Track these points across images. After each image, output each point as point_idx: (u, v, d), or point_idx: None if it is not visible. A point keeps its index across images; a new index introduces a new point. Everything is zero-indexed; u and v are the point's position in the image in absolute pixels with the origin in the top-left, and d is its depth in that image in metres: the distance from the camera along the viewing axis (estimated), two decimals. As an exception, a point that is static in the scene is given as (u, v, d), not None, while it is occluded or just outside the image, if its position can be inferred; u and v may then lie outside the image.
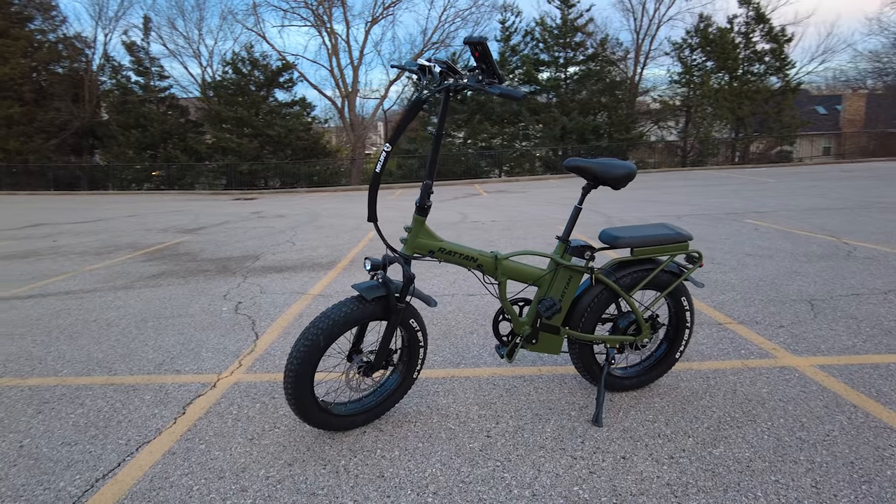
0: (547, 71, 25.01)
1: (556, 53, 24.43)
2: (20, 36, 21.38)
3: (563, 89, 24.43)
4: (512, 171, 24.81)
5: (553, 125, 23.38)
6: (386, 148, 1.85)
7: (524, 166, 25.09)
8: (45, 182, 21.57)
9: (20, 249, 7.31)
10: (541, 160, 25.26)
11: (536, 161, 25.30)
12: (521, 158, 25.21)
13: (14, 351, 3.23)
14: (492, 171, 24.79)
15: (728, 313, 3.53)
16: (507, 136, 24.98)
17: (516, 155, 24.95)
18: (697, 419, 2.17)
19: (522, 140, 25.42)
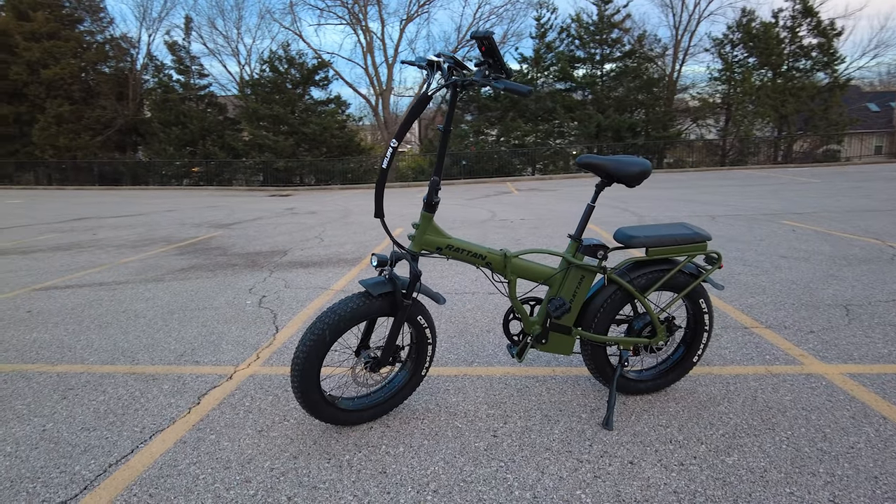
0: (583, 68, 24.64)
1: (592, 50, 24.04)
2: (70, 37, 22.28)
3: (598, 86, 24.03)
4: (545, 169, 24.55)
5: (588, 122, 23.03)
6: (392, 144, 1.84)
7: (558, 164, 24.80)
8: (92, 177, 22.44)
9: (64, 241, 7.62)
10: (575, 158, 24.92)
11: (571, 159, 24.97)
12: (555, 156, 24.91)
13: (47, 338, 3.37)
14: (525, 169, 24.58)
15: (756, 317, 3.40)
16: (540, 133, 24.74)
17: (550, 153, 24.68)
18: (713, 426, 2.10)
19: (557, 138, 25.13)
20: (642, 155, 23.76)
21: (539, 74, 25.01)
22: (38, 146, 21.68)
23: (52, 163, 22.06)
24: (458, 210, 10.73)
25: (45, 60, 21.02)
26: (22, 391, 2.60)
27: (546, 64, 24.71)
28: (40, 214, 11.76)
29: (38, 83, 21.12)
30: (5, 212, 12.50)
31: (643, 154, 23.75)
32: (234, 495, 1.75)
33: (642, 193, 12.15)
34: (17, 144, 22.34)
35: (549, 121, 24.77)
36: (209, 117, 24.96)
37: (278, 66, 25.76)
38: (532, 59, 24.52)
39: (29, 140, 21.82)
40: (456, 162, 23.65)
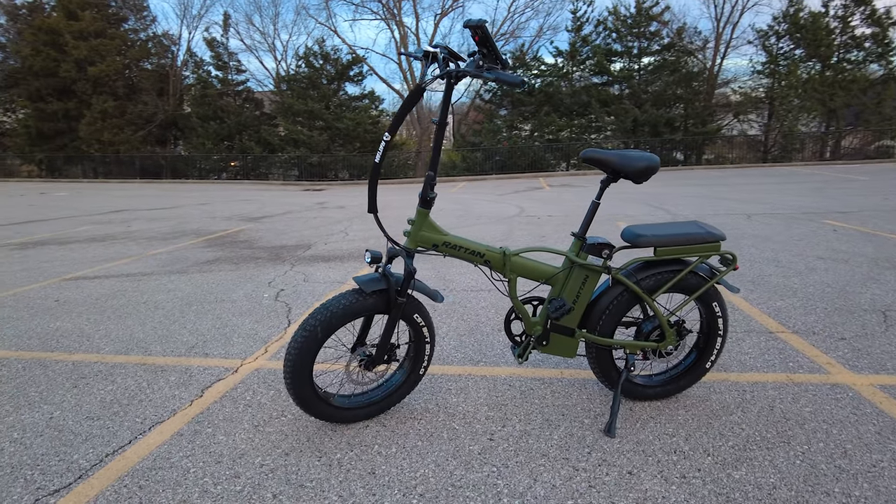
0: (619, 61, 24.10)
1: (629, 43, 23.46)
2: (115, 35, 23.04)
3: (635, 80, 23.47)
4: (580, 164, 24.15)
5: (624, 117, 22.52)
6: (385, 138, 1.79)
7: (592, 160, 24.33)
8: (133, 171, 23.20)
9: (99, 233, 7.87)
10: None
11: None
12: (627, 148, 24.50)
13: (69, 327, 3.46)
14: (559, 164, 24.24)
15: (782, 321, 3.23)
16: (575, 128, 24.34)
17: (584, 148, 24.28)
18: (722, 436, 1.98)
19: (592, 133, 24.69)
20: (680, 151, 23.11)
21: (574, 68, 24.60)
22: (85, 141, 22.52)
23: (97, 157, 22.90)
24: (487, 205, 10.64)
25: (92, 58, 21.80)
26: (37, 378, 2.67)
27: (582, 58, 24.27)
28: (82, 206, 12.20)
29: (85, 80, 21.93)
30: (51, 204, 13.01)
31: (682, 150, 23.11)
32: (220, 490, 1.74)
33: (678, 191, 11.82)
34: (65, 139, 23.27)
35: (585, 115, 24.34)
36: (246, 112, 25.44)
37: (313, 61, 26.07)
38: (567, 52, 24.13)
39: (76, 135, 22.70)
40: (488, 157, 23.49)
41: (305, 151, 24.68)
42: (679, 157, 23.25)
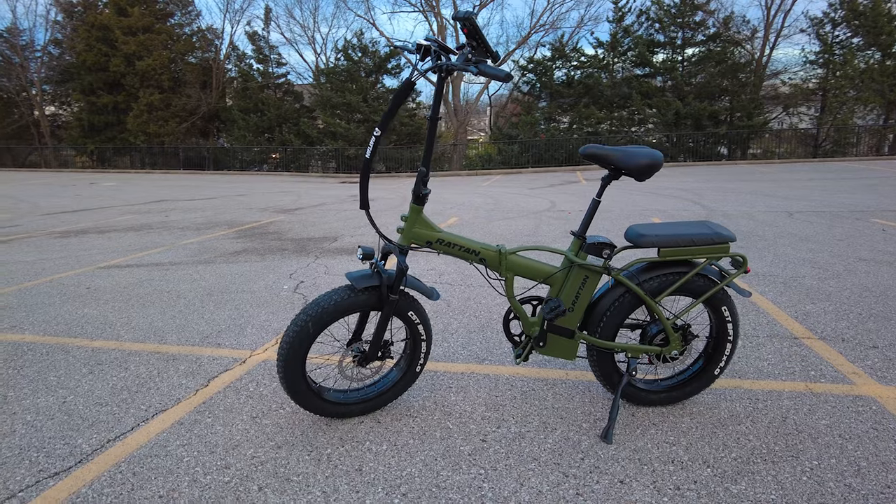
0: (662, 52, 23.40)
1: (672, 34, 22.74)
2: (162, 30, 23.80)
3: (678, 72, 22.74)
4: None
5: (666, 110, 21.88)
6: (375, 133, 1.77)
7: (631, 154, 23.75)
8: (177, 162, 23.97)
9: (137, 223, 8.16)
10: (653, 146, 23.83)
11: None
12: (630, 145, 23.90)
13: (94, 314, 3.59)
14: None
15: (810, 326, 3.07)
16: (615, 121, 23.80)
17: (624, 141, 23.69)
18: (726, 447, 1.89)
19: (633, 125, 24.09)
20: (724, 145, 22.30)
21: (615, 59, 24.02)
22: (132, 133, 23.40)
23: (143, 148, 23.76)
24: (518, 199, 10.52)
25: (140, 53, 22.58)
26: (57, 363, 2.78)
27: (623, 49, 23.68)
28: (126, 196, 12.67)
29: (133, 74, 22.75)
30: (99, 194, 13.56)
31: (727, 144, 22.30)
32: (209, 481, 1.76)
33: (719, 186, 11.42)
34: (114, 131, 24.23)
35: (625, 108, 23.78)
36: (286, 105, 25.89)
37: (352, 54, 26.29)
38: (608, 43, 23.57)
39: (124, 127, 23.60)
40: (525, 150, 23.23)
41: (343, 144, 24.96)
42: (723, 152, 22.47)
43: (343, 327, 2.87)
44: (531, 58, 25.36)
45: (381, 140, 1.77)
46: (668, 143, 22.59)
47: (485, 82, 28.78)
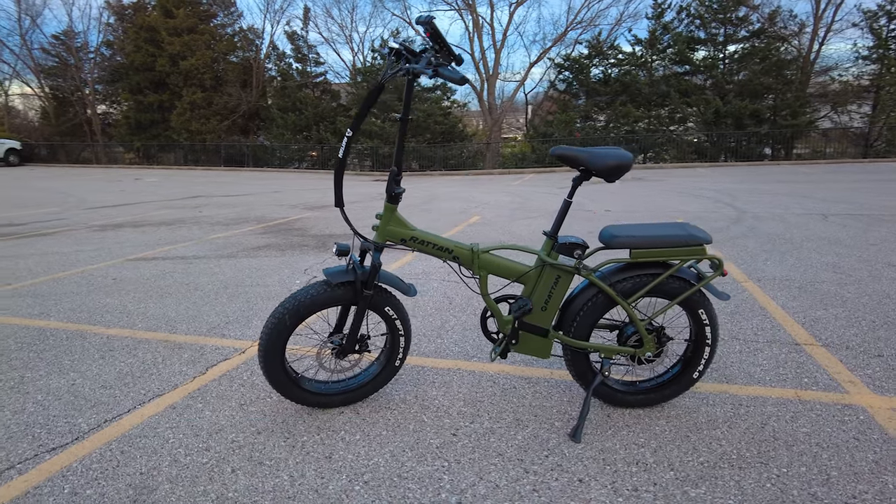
0: (703, 50, 22.78)
1: (714, 30, 22.11)
2: (205, 31, 24.60)
3: (719, 69, 22.09)
4: (656, 157, 23.12)
5: (705, 108, 21.29)
6: (347, 134, 1.83)
7: (670, 152, 23.24)
8: (218, 159, 24.73)
9: (171, 217, 8.49)
10: (690, 146, 23.20)
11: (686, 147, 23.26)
12: (669, 144, 23.36)
13: (114, 304, 3.79)
14: (635, 156, 23.32)
15: (815, 332, 2.98)
16: (653, 119, 23.31)
17: (662, 140, 23.18)
18: (695, 451, 1.88)
19: (671, 124, 23.54)
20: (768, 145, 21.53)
21: (654, 57, 23.52)
22: (176, 130, 24.29)
23: (186, 145, 24.63)
24: (546, 199, 10.47)
25: (184, 53, 23.41)
26: (74, 348, 2.96)
27: (662, 46, 23.15)
28: (165, 192, 13.18)
29: (178, 73, 23.60)
30: (141, 189, 14.14)
31: (770, 144, 21.53)
32: (188, 461, 1.87)
33: (756, 187, 11.08)
34: (159, 129, 25.21)
35: (664, 106, 23.25)
36: (323, 104, 26.36)
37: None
38: (646, 40, 23.10)
39: (169, 125, 24.52)
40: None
41: (378, 142, 25.27)
42: (766, 152, 21.71)
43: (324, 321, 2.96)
44: (568, 55, 25.09)
45: (352, 140, 1.83)
46: (707, 142, 22.00)
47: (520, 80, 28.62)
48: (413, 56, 1.80)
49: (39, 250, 5.71)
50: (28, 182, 16.26)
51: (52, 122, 27.39)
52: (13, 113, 30.21)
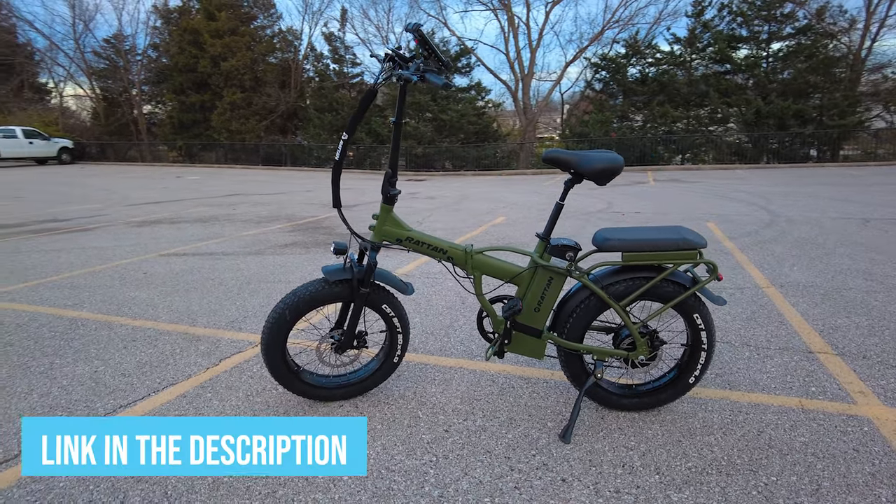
0: (745, 48, 22.10)
1: (756, 28, 21.42)
2: (246, 32, 25.25)
3: (762, 68, 21.39)
4: (694, 158, 22.57)
5: (746, 109, 20.67)
6: (343, 137, 1.90)
7: (709, 154, 22.65)
8: (257, 158, 25.36)
9: (207, 214, 8.79)
10: (730, 147, 22.57)
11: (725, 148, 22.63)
12: (707, 145, 22.77)
13: (142, 297, 3.97)
14: (673, 157, 22.82)
15: (832, 341, 2.90)
16: (692, 120, 22.76)
17: (700, 141, 22.61)
18: (685, 456, 1.87)
19: (711, 125, 22.93)
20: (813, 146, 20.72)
21: (693, 56, 22.95)
22: (216, 129, 25.02)
23: (226, 144, 25.34)
24: (575, 200, 10.37)
25: (225, 54, 24.09)
26: (100, 338, 3.13)
27: (702, 45, 22.57)
28: (205, 190, 13.62)
29: (219, 74, 24.30)
30: (182, 187, 14.65)
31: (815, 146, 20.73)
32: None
33: (797, 190, 10.71)
34: (200, 128, 26.01)
35: (703, 106, 22.67)
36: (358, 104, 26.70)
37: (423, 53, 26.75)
38: (685, 39, 22.57)
39: (210, 124, 25.28)
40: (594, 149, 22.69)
41: (412, 143, 25.47)
42: (812, 154, 20.91)
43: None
44: (604, 55, 24.74)
45: (348, 143, 1.90)
46: (748, 143, 21.35)
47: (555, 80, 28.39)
48: (404, 62, 1.86)
49: (80, 245, 6.01)
50: (77, 179, 17.05)
51: (101, 121, 28.61)
52: (67, 113, 31.69)
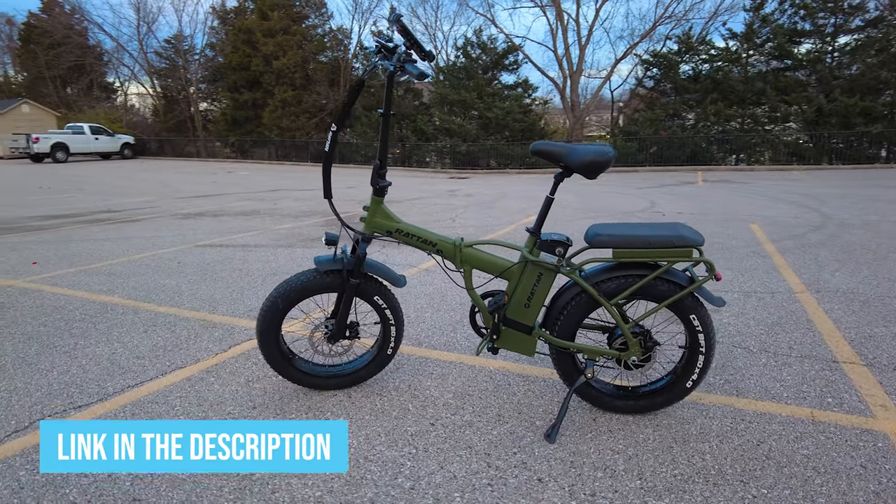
0: (807, 42, 20.97)
1: (820, 21, 20.28)
2: (297, 32, 25.92)
3: (826, 64, 20.25)
4: (748, 159, 21.62)
5: (807, 107, 19.61)
6: (332, 128, 1.91)
7: (765, 154, 21.63)
8: (306, 155, 26.00)
9: (249, 208, 9.07)
10: (787, 147, 21.49)
11: (782, 148, 21.56)
12: (764, 145, 21.75)
13: (171, 284, 4.14)
14: (726, 157, 21.93)
15: (863, 350, 2.72)
16: (747, 118, 21.80)
17: (756, 141, 21.62)
18: (673, 463, 1.80)
19: (768, 124, 21.90)
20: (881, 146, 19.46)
21: (751, 52, 21.97)
22: (267, 127, 25.80)
23: (277, 141, 26.09)
24: (615, 199, 10.13)
25: (277, 53, 24.80)
26: (124, 321, 3.28)
27: (761, 40, 21.57)
28: (252, 185, 14.06)
29: (271, 72, 25.05)
30: (231, 182, 15.18)
31: (885, 146, 19.46)
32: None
33: (853, 192, 10.10)
34: (252, 125, 26.89)
35: (759, 104, 21.67)
36: (405, 103, 26.96)
37: (471, 51, 26.72)
38: (742, 34, 21.62)
39: (261, 121, 26.09)
40: (643, 147, 22.11)
41: (458, 140, 25.51)
42: (881, 154, 19.64)
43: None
44: (655, 51, 24.03)
45: (337, 135, 1.92)
46: (809, 142, 20.28)
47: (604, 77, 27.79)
48: (389, 53, 1.86)
49: (125, 234, 6.32)
50: (135, 173, 17.94)
51: (161, 118, 30.04)
52: (132, 111, 33.43)
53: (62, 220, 7.51)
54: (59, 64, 30.01)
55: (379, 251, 5.32)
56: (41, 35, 30.01)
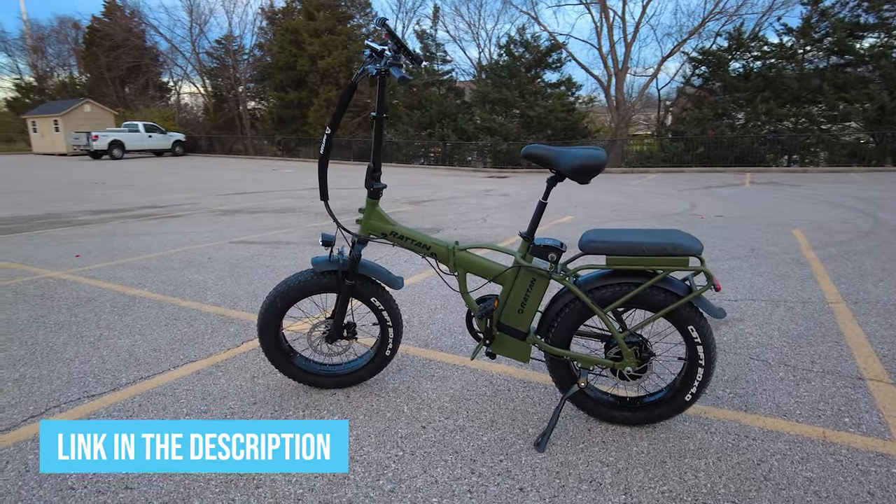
0: (871, 37, 19.85)
1: (885, 13, 19.15)
2: (342, 32, 26.36)
3: (892, 59, 19.09)
4: (803, 159, 20.64)
5: (869, 105, 18.56)
6: (327, 131, 1.94)
7: (821, 155, 20.59)
8: (349, 153, 26.44)
9: (285, 206, 9.29)
10: (845, 148, 20.39)
11: (839, 149, 20.48)
12: (819, 145, 20.71)
13: (199, 280, 4.28)
14: (778, 158, 21.01)
15: (893, 367, 2.56)
16: (802, 118, 20.81)
17: (811, 141, 20.61)
18: (663, 479, 1.74)
19: (826, 123, 20.85)
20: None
21: (808, 47, 20.95)
22: (312, 125, 26.38)
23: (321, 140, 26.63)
24: (658, 200, 9.87)
25: (322, 53, 25.31)
26: (148, 315, 3.41)
27: (818, 35, 20.54)
28: (293, 183, 14.40)
29: (316, 72, 25.59)
30: (274, 180, 15.59)
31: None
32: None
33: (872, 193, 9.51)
34: (298, 124, 27.55)
35: (816, 103, 20.64)
36: (447, 102, 27.02)
37: (513, 50, 26.54)
38: (798, 29, 20.64)
39: (306, 120, 26.68)
40: (690, 147, 21.45)
41: (498, 139, 25.38)
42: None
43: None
44: (704, 49, 23.24)
45: (332, 138, 1.94)
46: (871, 143, 19.19)
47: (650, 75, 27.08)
48: (378, 57, 1.86)
49: (163, 230, 6.58)
50: (183, 170, 18.65)
51: (211, 116, 31.13)
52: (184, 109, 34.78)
53: (110, 215, 7.88)
54: (118, 65, 31.57)
55: (396, 254, 5.35)
56: (103, 38, 31.63)
